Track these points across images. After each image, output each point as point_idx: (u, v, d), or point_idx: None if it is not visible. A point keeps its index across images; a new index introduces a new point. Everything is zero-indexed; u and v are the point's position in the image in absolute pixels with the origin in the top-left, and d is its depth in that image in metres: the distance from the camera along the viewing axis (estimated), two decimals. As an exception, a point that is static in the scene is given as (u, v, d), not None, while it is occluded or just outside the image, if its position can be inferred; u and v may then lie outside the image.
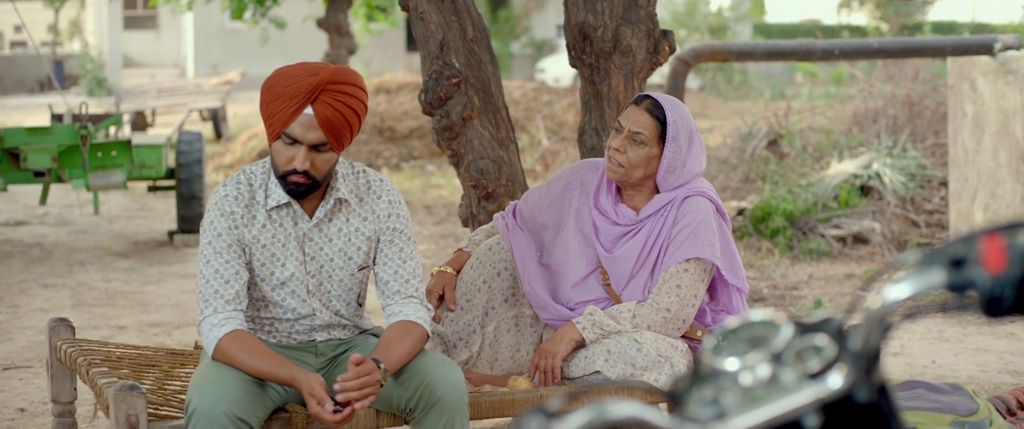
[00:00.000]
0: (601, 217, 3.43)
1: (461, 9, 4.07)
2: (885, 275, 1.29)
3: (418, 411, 2.92)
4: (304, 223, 3.01)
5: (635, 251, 3.36)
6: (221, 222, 2.96)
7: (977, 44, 7.28)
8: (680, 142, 3.33)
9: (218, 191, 3.00)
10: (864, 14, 34.47)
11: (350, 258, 3.04)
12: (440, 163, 13.54)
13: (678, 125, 3.32)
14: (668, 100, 3.36)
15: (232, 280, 2.93)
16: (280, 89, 2.89)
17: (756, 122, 10.77)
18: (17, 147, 7.58)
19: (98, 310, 6.58)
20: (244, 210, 2.98)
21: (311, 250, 3.02)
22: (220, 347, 2.88)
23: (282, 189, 2.97)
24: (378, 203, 3.07)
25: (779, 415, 1.23)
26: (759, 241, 8.12)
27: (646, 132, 3.31)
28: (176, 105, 15.73)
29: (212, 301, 2.92)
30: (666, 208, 3.36)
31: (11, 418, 4.56)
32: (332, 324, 3.10)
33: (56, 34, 38.85)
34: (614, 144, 3.36)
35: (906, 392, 3.35)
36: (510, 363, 3.51)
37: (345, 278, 3.05)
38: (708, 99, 20.02)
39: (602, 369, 3.26)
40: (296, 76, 2.89)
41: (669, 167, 3.33)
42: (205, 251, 2.96)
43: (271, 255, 2.99)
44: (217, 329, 2.89)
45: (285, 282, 3.01)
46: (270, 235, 2.99)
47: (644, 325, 3.30)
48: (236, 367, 2.87)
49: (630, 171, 3.35)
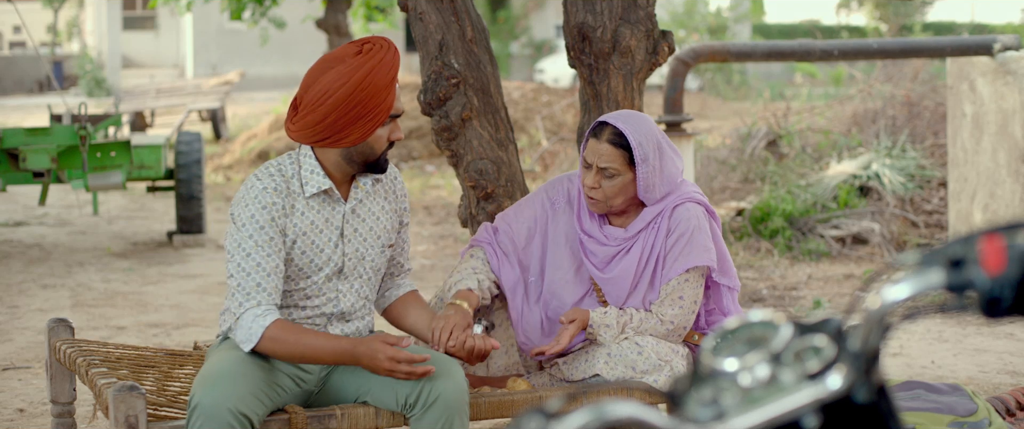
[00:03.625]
0: (589, 239, 3.40)
1: (460, 9, 4.07)
2: (884, 276, 1.30)
3: (418, 409, 2.92)
4: (341, 206, 3.07)
5: (631, 268, 3.33)
6: (263, 214, 2.96)
7: (976, 44, 7.28)
8: (651, 161, 3.28)
9: (253, 185, 2.99)
10: (863, 14, 34.49)
11: (379, 237, 3.14)
12: (439, 163, 13.54)
13: (644, 146, 3.26)
14: (626, 120, 3.29)
15: (273, 273, 2.95)
16: (379, 80, 2.95)
17: (755, 122, 10.77)
18: (16, 147, 7.57)
19: (97, 311, 6.58)
20: (284, 200, 3.00)
21: (348, 232, 3.07)
22: (268, 335, 2.88)
23: (326, 172, 3.03)
24: (396, 184, 3.22)
25: (778, 415, 1.23)
26: (758, 242, 8.12)
27: (615, 164, 3.27)
28: (175, 105, 15.73)
29: (255, 294, 2.91)
30: (657, 219, 3.34)
31: (10, 419, 4.56)
32: (350, 314, 3.11)
33: (55, 34, 38.84)
34: (587, 182, 3.32)
35: (905, 392, 3.35)
36: (504, 359, 3.51)
37: (376, 257, 3.13)
38: (707, 99, 20.02)
39: (602, 372, 3.26)
40: (382, 60, 2.95)
41: (647, 186, 3.30)
42: (245, 244, 2.94)
43: (311, 242, 3.02)
44: (260, 319, 2.90)
45: (322, 267, 3.04)
46: (309, 222, 3.02)
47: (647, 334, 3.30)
48: (291, 351, 2.89)
49: (611, 202, 3.33)
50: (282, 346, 2.89)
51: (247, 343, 2.90)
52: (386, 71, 2.96)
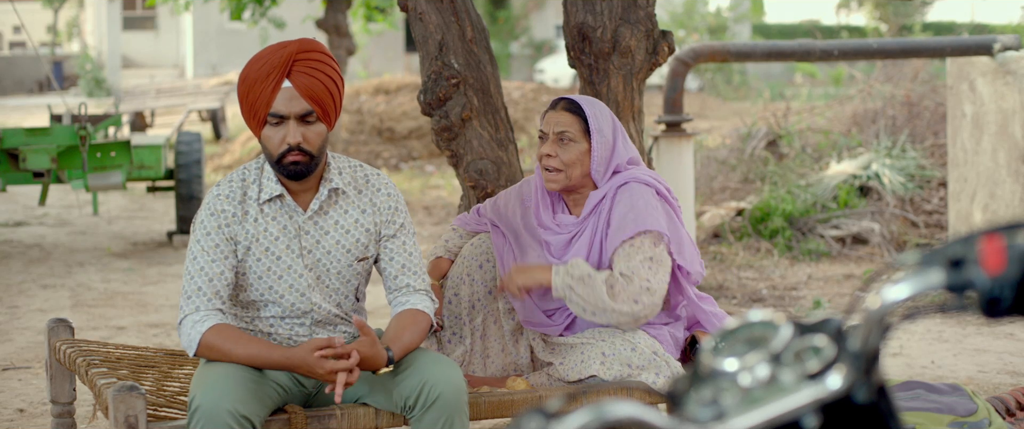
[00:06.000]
0: (546, 231, 3.45)
1: (460, 10, 4.07)
2: (884, 276, 1.29)
3: (417, 410, 2.92)
4: (299, 216, 3.02)
5: (583, 252, 3.34)
6: (210, 221, 2.97)
7: (976, 45, 7.28)
8: (605, 132, 3.35)
9: (211, 190, 3.03)
10: (863, 14, 34.50)
11: (348, 250, 3.05)
12: (439, 163, 13.55)
13: (599, 117, 3.35)
14: (582, 98, 3.41)
15: (216, 279, 2.93)
16: (254, 74, 2.93)
17: (755, 123, 10.77)
18: (16, 148, 7.57)
19: (97, 311, 6.58)
20: (236, 207, 2.99)
21: (308, 243, 3.02)
22: (204, 342, 2.87)
23: (278, 179, 2.99)
24: (378, 196, 3.09)
25: (778, 415, 1.23)
26: (758, 242, 8.12)
27: (571, 129, 3.34)
28: (175, 106, 15.74)
29: (194, 298, 2.91)
30: (602, 202, 3.36)
31: (10, 419, 4.56)
32: (333, 320, 3.09)
33: (55, 35, 38.85)
34: (544, 151, 3.37)
35: (905, 392, 3.35)
36: (501, 357, 3.51)
37: (343, 270, 3.05)
38: (707, 100, 20.02)
39: (598, 372, 3.25)
40: (265, 56, 2.94)
41: (600, 158, 3.34)
42: (192, 249, 2.97)
43: (265, 249, 2.99)
44: (198, 325, 2.89)
45: (282, 276, 3.00)
46: (263, 229, 2.99)
47: (620, 295, 3.21)
48: (224, 359, 2.87)
49: (568, 171, 3.35)
50: (217, 354, 2.87)
51: (188, 348, 2.91)
52: (261, 65, 2.91)
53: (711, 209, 8.76)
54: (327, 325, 3.09)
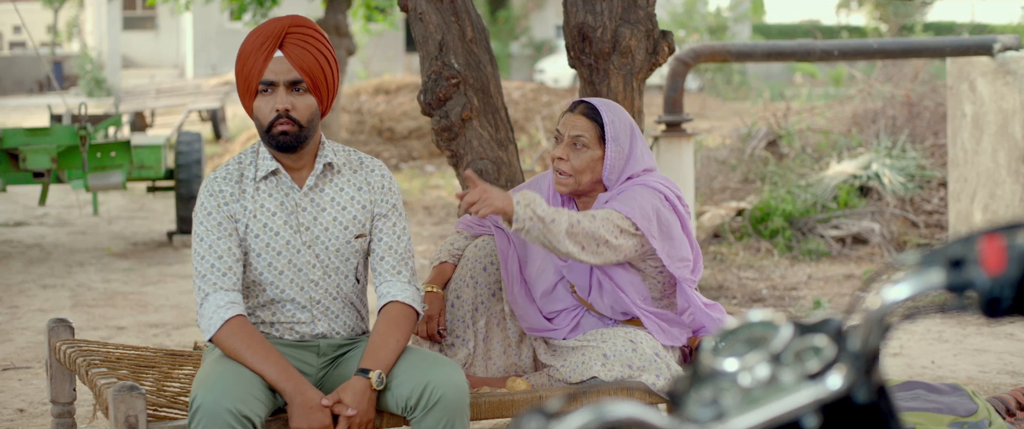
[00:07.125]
0: None
1: (460, 10, 4.07)
2: (884, 276, 1.29)
3: (418, 411, 2.92)
4: (295, 193, 3.05)
5: None
6: (210, 201, 3.02)
7: (976, 45, 7.28)
8: (621, 141, 3.30)
9: (209, 176, 3.08)
10: (863, 15, 34.49)
11: (346, 227, 3.07)
12: (439, 164, 13.55)
13: (616, 125, 3.31)
14: (603, 102, 3.35)
15: (226, 255, 2.97)
16: (248, 46, 3.00)
17: (755, 123, 10.77)
18: (16, 147, 7.58)
19: (97, 311, 6.58)
20: (234, 186, 3.03)
21: (305, 219, 3.04)
22: (222, 332, 2.89)
23: (271, 152, 3.04)
24: (372, 175, 3.13)
25: (778, 416, 1.23)
26: (758, 242, 8.12)
27: (586, 135, 3.30)
28: (175, 106, 15.74)
29: (209, 276, 2.94)
30: (609, 203, 3.32)
31: (10, 419, 4.56)
32: (333, 305, 3.09)
33: (55, 34, 38.85)
34: (557, 153, 3.34)
35: (905, 393, 3.35)
36: (503, 359, 3.51)
37: (342, 247, 3.07)
38: (707, 100, 20.01)
39: (599, 374, 3.25)
40: (259, 30, 3.01)
41: (613, 167, 3.31)
42: (197, 231, 3.01)
43: (263, 225, 3.02)
44: (221, 311, 2.91)
45: (281, 251, 3.02)
46: (260, 205, 3.03)
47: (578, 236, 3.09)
48: (232, 357, 2.89)
49: (578, 177, 3.32)
50: (229, 350, 2.90)
51: (206, 332, 2.93)
52: (255, 37, 2.99)
53: (711, 209, 8.76)
54: (326, 318, 3.09)
